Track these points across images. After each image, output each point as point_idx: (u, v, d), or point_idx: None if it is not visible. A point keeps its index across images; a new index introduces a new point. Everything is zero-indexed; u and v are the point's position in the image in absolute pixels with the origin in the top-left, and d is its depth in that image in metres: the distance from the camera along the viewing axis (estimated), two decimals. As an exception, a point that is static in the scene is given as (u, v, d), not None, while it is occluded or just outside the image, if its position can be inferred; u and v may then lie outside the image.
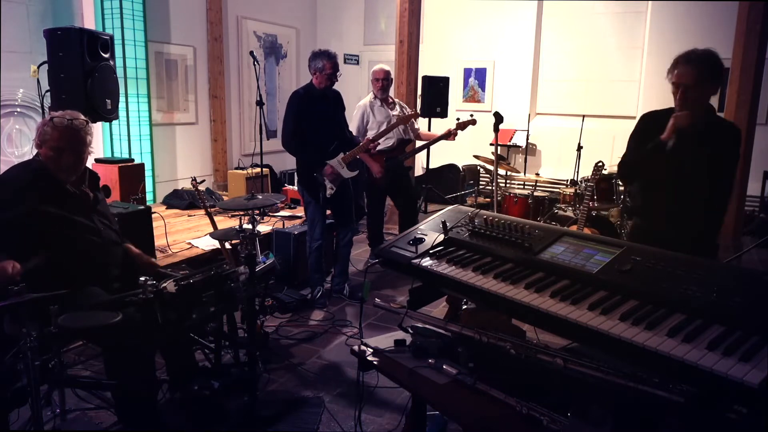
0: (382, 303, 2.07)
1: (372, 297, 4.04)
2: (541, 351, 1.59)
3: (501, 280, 1.77)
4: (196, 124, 6.93)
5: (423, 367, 1.80)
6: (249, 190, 4.91)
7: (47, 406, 2.41)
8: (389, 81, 4.81)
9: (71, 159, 2.42)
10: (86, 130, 2.48)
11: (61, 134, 2.39)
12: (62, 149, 2.39)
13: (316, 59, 3.92)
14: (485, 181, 7.93)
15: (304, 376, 3.13)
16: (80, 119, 2.47)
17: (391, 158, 4.80)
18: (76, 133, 2.42)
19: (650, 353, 1.35)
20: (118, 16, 5.52)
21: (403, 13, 6.16)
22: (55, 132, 2.38)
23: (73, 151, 2.42)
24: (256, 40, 7.67)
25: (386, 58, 6.74)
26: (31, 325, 1.92)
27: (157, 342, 2.36)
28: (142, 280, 2.10)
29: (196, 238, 4.74)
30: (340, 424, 2.65)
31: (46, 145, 2.40)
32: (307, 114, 3.91)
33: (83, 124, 2.47)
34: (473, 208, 2.25)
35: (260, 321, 3.28)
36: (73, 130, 2.42)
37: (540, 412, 1.47)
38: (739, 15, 5.01)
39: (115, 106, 4.55)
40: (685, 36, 6.85)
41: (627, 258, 1.69)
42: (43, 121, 2.45)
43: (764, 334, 1.31)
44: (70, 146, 2.41)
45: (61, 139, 2.38)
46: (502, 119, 4.37)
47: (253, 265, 2.49)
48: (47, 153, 2.40)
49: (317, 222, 4.08)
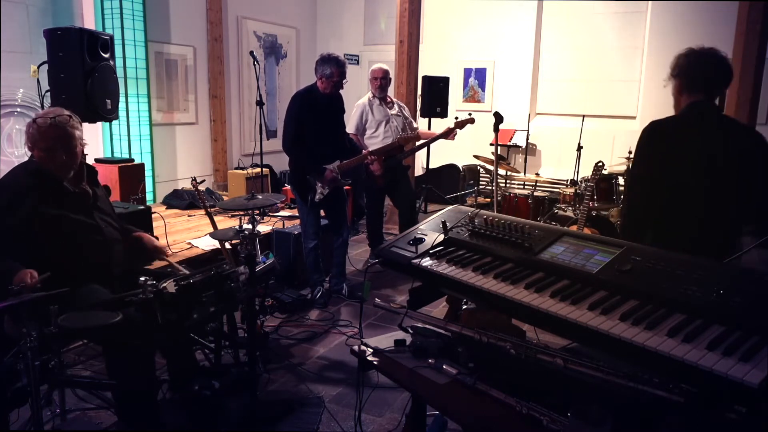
0: (382, 303, 2.07)
1: (372, 297, 4.05)
2: (541, 351, 1.59)
3: (501, 280, 1.77)
4: (196, 124, 6.93)
5: (423, 367, 1.80)
6: (249, 190, 4.91)
7: (47, 406, 2.41)
8: (387, 80, 4.81)
9: (63, 156, 2.42)
10: (71, 124, 2.46)
11: (46, 134, 2.38)
12: (52, 148, 2.39)
13: (324, 65, 3.85)
14: (485, 181, 7.93)
15: (304, 376, 3.13)
16: (63, 115, 2.45)
17: (390, 157, 4.79)
18: (62, 130, 2.41)
19: (650, 353, 1.35)
20: (118, 16, 5.52)
21: (403, 13, 6.16)
22: (39, 133, 2.38)
23: (63, 147, 2.41)
24: (256, 40, 7.67)
25: (386, 58, 6.74)
26: (31, 325, 1.92)
27: (157, 342, 2.36)
28: (142, 280, 2.10)
29: (196, 238, 4.74)
30: (340, 424, 2.65)
31: (36, 147, 2.40)
32: (308, 116, 3.89)
33: (67, 119, 2.45)
34: (473, 208, 2.25)
35: (260, 321, 3.28)
36: (58, 127, 2.40)
37: (540, 412, 1.46)
38: (739, 15, 5.01)
39: (115, 106, 4.55)
40: (685, 36, 6.86)
41: (627, 258, 1.69)
42: (27, 124, 2.44)
43: (764, 334, 1.31)
44: (59, 144, 2.40)
45: (48, 139, 2.38)
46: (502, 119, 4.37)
47: (253, 265, 2.49)
48: (40, 155, 2.41)
49: (309, 223, 4.07)
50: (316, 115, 3.91)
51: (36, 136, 2.38)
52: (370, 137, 4.79)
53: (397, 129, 4.81)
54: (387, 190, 5.02)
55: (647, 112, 7.15)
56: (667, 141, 2.27)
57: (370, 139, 4.79)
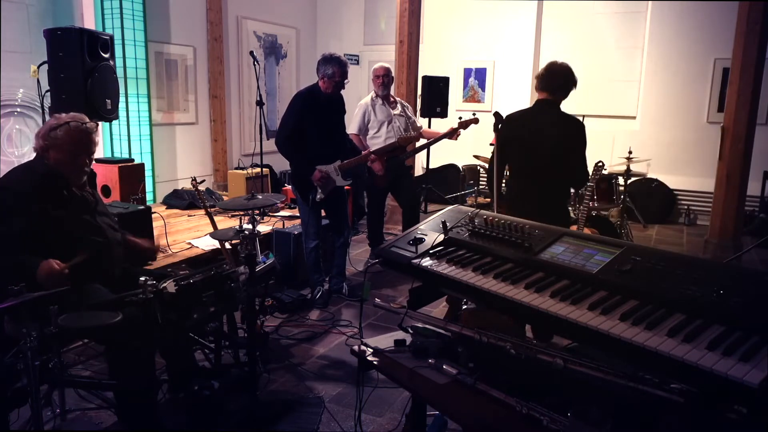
0: (382, 303, 2.07)
1: (372, 297, 4.05)
2: (541, 351, 1.59)
3: (501, 280, 1.77)
4: (196, 124, 6.93)
5: (423, 367, 1.80)
6: (249, 190, 4.91)
7: (47, 406, 2.41)
8: (390, 78, 4.80)
9: (85, 161, 2.50)
10: (95, 131, 2.57)
11: (76, 137, 2.44)
12: (77, 153, 2.45)
13: (327, 65, 3.83)
14: (485, 181, 7.93)
15: (304, 376, 3.13)
16: (90, 122, 2.55)
17: (392, 157, 4.79)
18: (89, 136, 2.50)
19: (650, 353, 1.35)
20: (118, 16, 5.52)
21: (403, 13, 6.16)
22: (68, 136, 2.43)
23: (87, 153, 2.50)
24: (256, 40, 7.67)
25: (386, 58, 6.72)
26: (31, 325, 1.92)
27: (157, 342, 2.36)
28: (142, 280, 2.10)
29: (196, 238, 4.74)
30: (340, 424, 2.65)
31: (57, 149, 2.42)
32: (309, 116, 3.88)
33: (94, 128, 2.55)
34: (473, 208, 2.25)
35: (260, 321, 3.28)
36: (88, 133, 2.49)
37: (540, 412, 1.46)
38: (739, 15, 5.01)
39: (115, 106, 4.55)
40: (685, 36, 6.87)
41: (627, 258, 1.69)
42: (50, 125, 2.47)
43: (764, 334, 1.31)
44: (84, 149, 2.48)
45: (76, 143, 2.45)
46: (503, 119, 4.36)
47: (253, 265, 2.49)
48: (59, 157, 2.43)
49: (310, 223, 4.06)
50: (317, 115, 3.90)
51: (64, 137, 2.42)
52: (373, 137, 4.79)
53: (399, 129, 4.81)
54: (390, 190, 5.02)
55: (647, 111, 7.17)
56: (518, 126, 3.25)
57: (373, 139, 4.78)
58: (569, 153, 3.20)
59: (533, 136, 3.21)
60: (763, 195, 6.49)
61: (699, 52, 6.80)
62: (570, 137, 3.19)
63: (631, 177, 5.95)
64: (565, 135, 3.18)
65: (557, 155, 3.18)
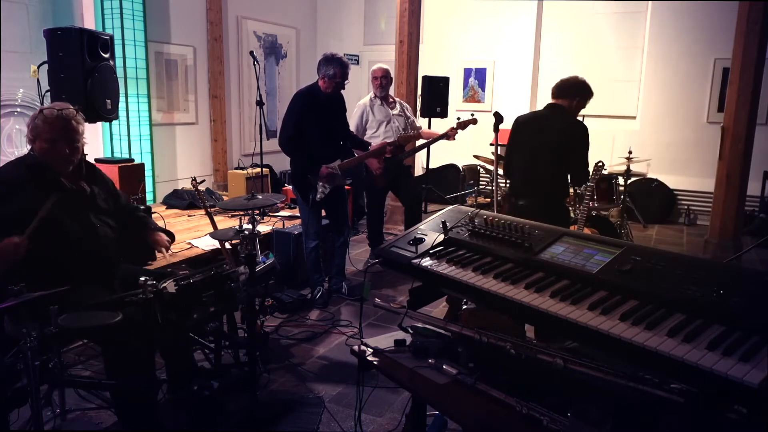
0: (382, 303, 2.07)
1: (372, 297, 4.05)
2: (541, 351, 1.59)
3: (501, 280, 1.77)
4: (196, 124, 6.93)
5: (423, 367, 1.80)
6: (249, 190, 4.91)
7: (47, 406, 2.41)
8: (388, 80, 4.80)
9: (65, 149, 2.43)
10: (77, 119, 2.49)
11: (52, 125, 2.39)
12: (56, 140, 2.40)
13: (328, 65, 3.82)
14: (485, 181, 7.93)
15: (304, 376, 3.13)
16: (70, 109, 2.48)
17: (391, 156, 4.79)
18: (67, 123, 2.43)
19: (650, 353, 1.35)
20: (118, 16, 5.52)
21: (403, 13, 6.16)
22: (46, 124, 2.39)
23: (66, 140, 2.43)
24: (256, 40, 7.67)
25: (386, 58, 6.73)
26: (31, 325, 1.92)
27: (157, 342, 2.36)
28: (142, 280, 2.10)
29: (196, 238, 4.74)
30: (340, 424, 2.65)
31: (39, 138, 2.40)
32: (309, 115, 3.88)
33: (73, 114, 2.48)
34: (473, 208, 2.25)
35: (260, 321, 3.28)
36: (64, 119, 2.43)
37: (540, 412, 1.46)
38: (739, 15, 5.01)
39: (115, 106, 4.55)
40: (685, 36, 6.87)
41: (627, 258, 1.69)
42: (33, 115, 2.45)
43: (764, 334, 1.31)
44: (63, 136, 2.42)
45: (53, 130, 2.39)
46: (502, 119, 4.36)
47: (253, 265, 2.49)
48: (42, 146, 2.41)
49: (310, 223, 4.06)
50: (317, 114, 3.91)
51: (41, 126, 2.39)
52: (371, 137, 4.79)
53: (398, 129, 4.81)
54: (391, 189, 5.02)
55: (647, 111, 7.17)
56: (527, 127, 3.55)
57: (371, 139, 4.78)
58: (570, 153, 3.39)
59: (538, 136, 3.44)
60: (763, 195, 6.49)
61: (699, 52, 6.80)
62: (573, 139, 3.38)
63: (631, 177, 5.95)
64: (568, 137, 3.38)
65: (559, 156, 3.38)
